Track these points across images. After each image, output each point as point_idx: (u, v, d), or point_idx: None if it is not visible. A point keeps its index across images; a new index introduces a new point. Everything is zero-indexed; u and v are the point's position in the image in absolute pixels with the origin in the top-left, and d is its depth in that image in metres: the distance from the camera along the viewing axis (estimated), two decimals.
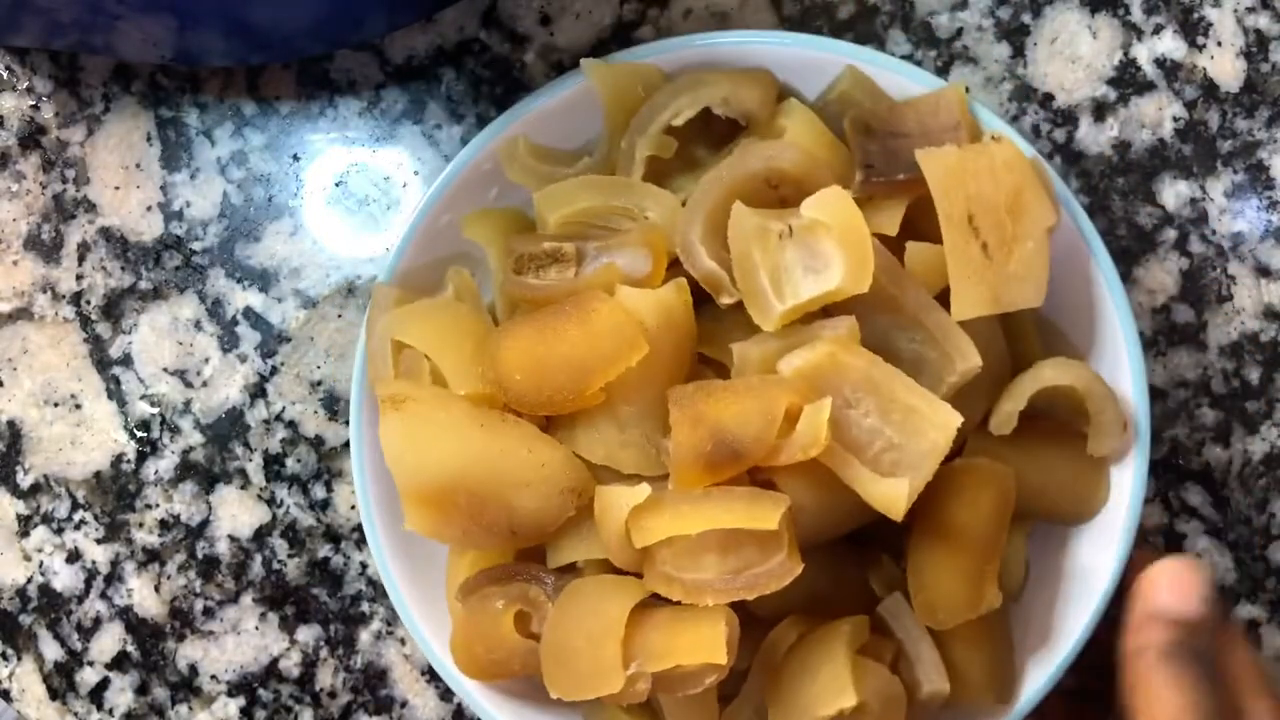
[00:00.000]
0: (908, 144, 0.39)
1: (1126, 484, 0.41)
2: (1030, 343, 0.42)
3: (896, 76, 0.41)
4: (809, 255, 0.38)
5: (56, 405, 0.50)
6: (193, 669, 0.50)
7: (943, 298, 0.39)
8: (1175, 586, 0.38)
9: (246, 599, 0.50)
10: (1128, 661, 0.38)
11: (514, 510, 0.39)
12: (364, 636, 0.50)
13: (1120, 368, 0.41)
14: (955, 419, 0.37)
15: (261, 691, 0.50)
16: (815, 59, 0.42)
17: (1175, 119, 0.48)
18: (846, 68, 0.42)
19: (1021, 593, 0.43)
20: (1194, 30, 0.48)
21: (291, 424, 0.49)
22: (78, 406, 0.50)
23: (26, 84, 0.50)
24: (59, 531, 0.50)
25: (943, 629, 0.40)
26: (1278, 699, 0.37)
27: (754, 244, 0.38)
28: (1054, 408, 0.41)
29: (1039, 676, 0.41)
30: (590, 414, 0.40)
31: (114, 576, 0.50)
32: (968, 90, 0.42)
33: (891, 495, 0.36)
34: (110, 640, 0.50)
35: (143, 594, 0.50)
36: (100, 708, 0.50)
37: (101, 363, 0.50)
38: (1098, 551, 0.41)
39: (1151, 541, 0.48)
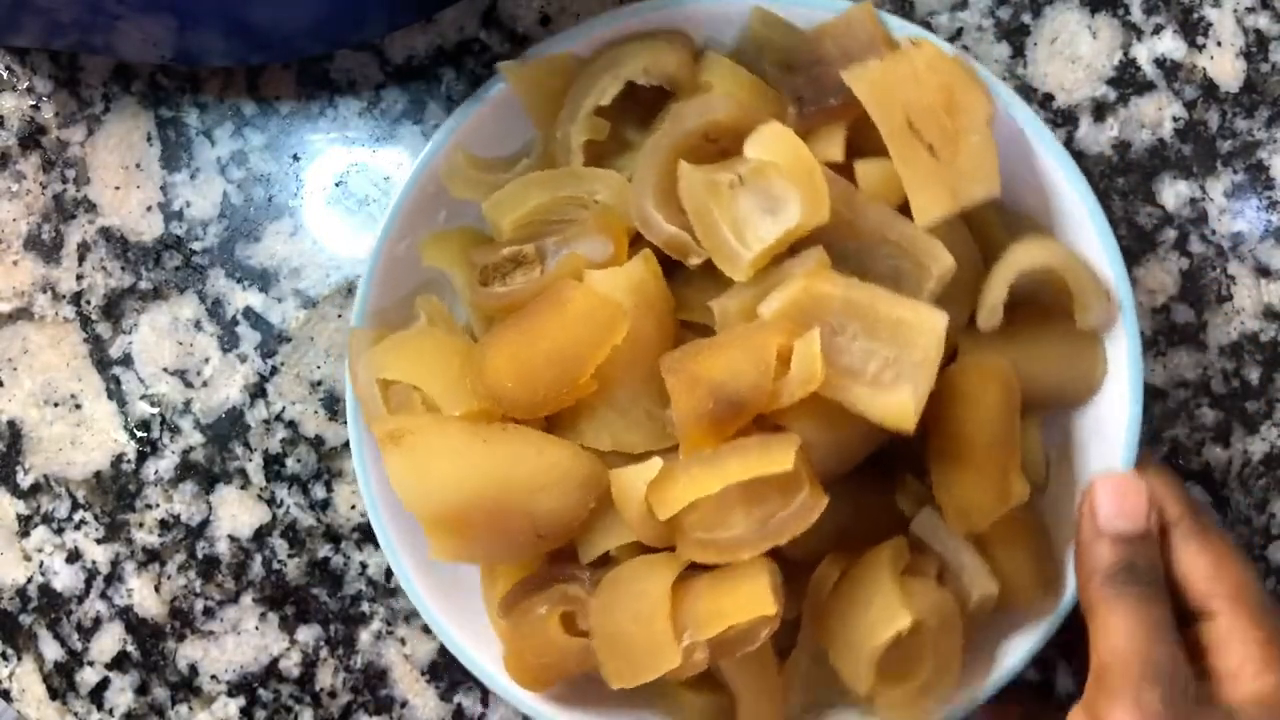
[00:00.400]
0: (831, 70, 0.40)
1: (1122, 351, 0.41)
2: (997, 235, 0.42)
3: (802, 9, 0.41)
4: (763, 198, 0.39)
5: (56, 405, 0.50)
6: (193, 669, 0.50)
7: (903, 210, 0.39)
8: (1117, 504, 0.39)
9: (246, 599, 0.50)
10: (1080, 586, 0.39)
11: (536, 515, 0.39)
12: (364, 636, 0.50)
13: (1087, 239, 0.41)
14: (942, 319, 0.37)
15: (261, 691, 0.50)
16: (722, 10, 0.42)
17: (1175, 119, 0.48)
18: (753, 10, 0.42)
19: (1046, 483, 0.43)
20: (1194, 30, 0.48)
21: (291, 424, 0.49)
22: (78, 406, 0.50)
23: (26, 84, 0.50)
24: (59, 531, 0.50)
25: (978, 531, 0.40)
26: (1239, 592, 0.38)
27: (708, 199, 0.38)
28: (1035, 295, 0.42)
29: None
30: (588, 404, 0.40)
31: (114, 576, 0.50)
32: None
33: (898, 409, 0.36)
34: (110, 640, 0.50)
35: (143, 594, 0.50)
36: (100, 708, 0.50)
37: (101, 363, 0.50)
38: (1110, 424, 0.41)
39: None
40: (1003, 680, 0.42)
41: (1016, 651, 0.42)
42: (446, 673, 0.50)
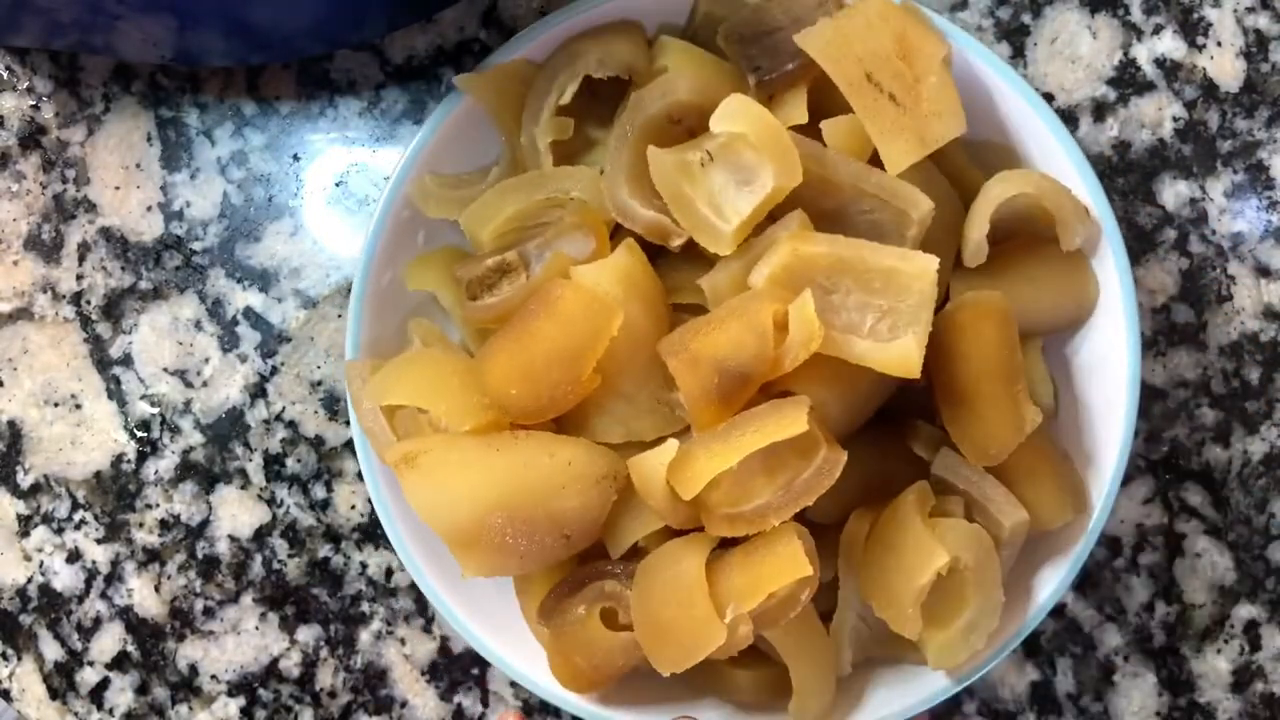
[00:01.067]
0: (784, 35, 0.40)
1: (1110, 267, 0.42)
2: (970, 174, 0.43)
3: None
4: (736, 170, 0.39)
5: (57, 405, 0.50)
6: (193, 669, 0.50)
7: (874, 162, 0.39)
8: None
9: (246, 599, 0.50)
10: None
11: (560, 516, 0.39)
12: (364, 636, 0.50)
13: (1059, 164, 0.41)
14: (932, 261, 0.37)
15: (261, 691, 0.50)
16: None
17: (1175, 119, 0.48)
18: None
19: (1056, 409, 0.44)
20: (1194, 30, 0.48)
21: (291, 424, 0.49)
22: (78, 406, 0.50)
23: (26, 84, 0.50)
24: (59, 531, 0.50)
25: (998, 463, 0.40)
26: None
27: (681, 180, 0.39)
28: (1017, 229, 0.42)
29: (1105, 474, 0.42)
30: (595, 400, 0.40)
31: (114, 576, 0.50)
32: None
33: (902, 357, 0.37)
34: (110, 640, 0.50)
35: (143, 594, 0.50)
36: (100, 708, 0.50)
37: (101, 363, 0.50)
38: (1110, 341, 0.42)
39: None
40: (1046, 608, 0.42)
41: (1054, 580, 0.42)
42: (446, 673, 0.50)
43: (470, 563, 0.39)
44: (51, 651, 0.50)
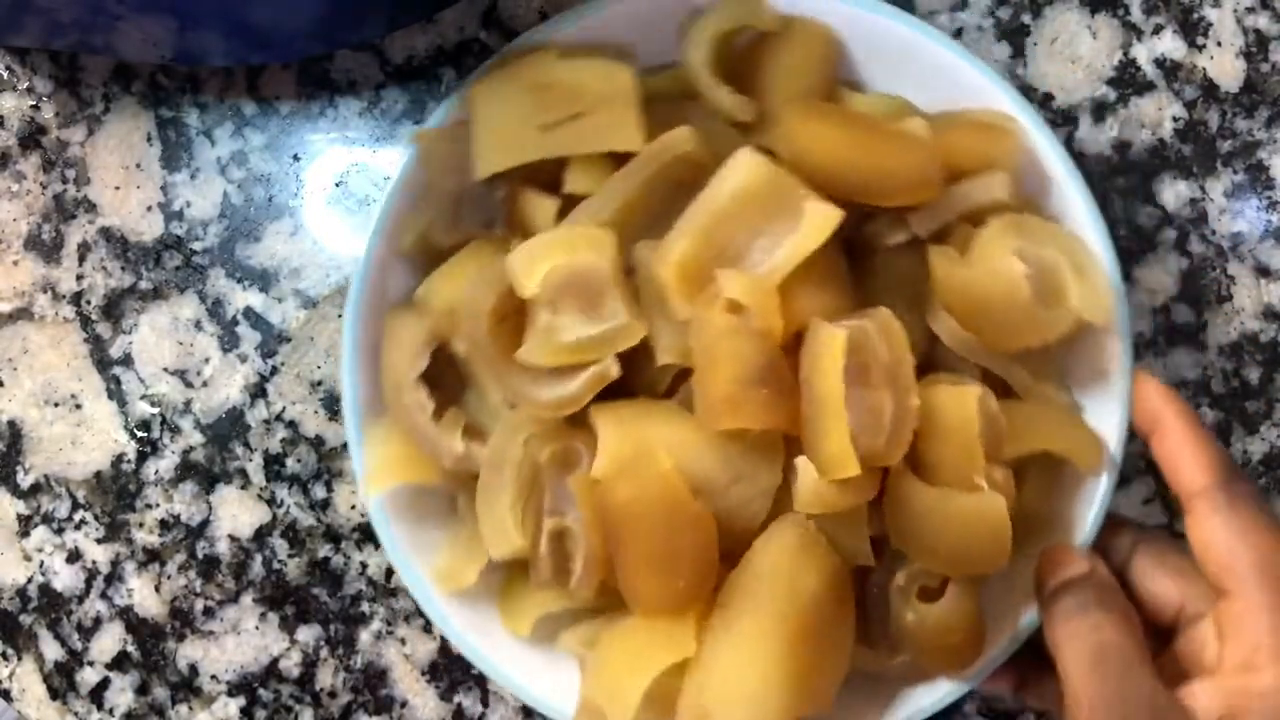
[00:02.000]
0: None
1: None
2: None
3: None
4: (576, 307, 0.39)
5: (57, 405, 0.50)
6: (193, 669, 0.50)
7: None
8: (1059, 563, 0.39)
9: (246, 599, 0.50)
10: (1045, 632, 0.38)
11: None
12: (364, 636, 0.50)
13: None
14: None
15: (261, 691, 0.50)
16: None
17: (1175, 119, 0.48)
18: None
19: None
20: (1194, 30, 0.48)
21: (292, 424, 0.49)
22: (78, 406, 0.50)
23: (26, 84, 0.50)
24: (59, 531, 0.50)
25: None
26: (1258, 569, 0.36)
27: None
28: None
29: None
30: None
31: (114, 576, 0.50)
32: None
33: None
34: (110, 640, 0.50)
35: (143, 594, 0.50)
36: (100, 708, 0.50)
37: (101, 363, 0.50)
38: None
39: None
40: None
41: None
42: (446, 673, 0.50)
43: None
44: (51, 651, 0.50)
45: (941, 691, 0.42)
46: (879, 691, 0.43)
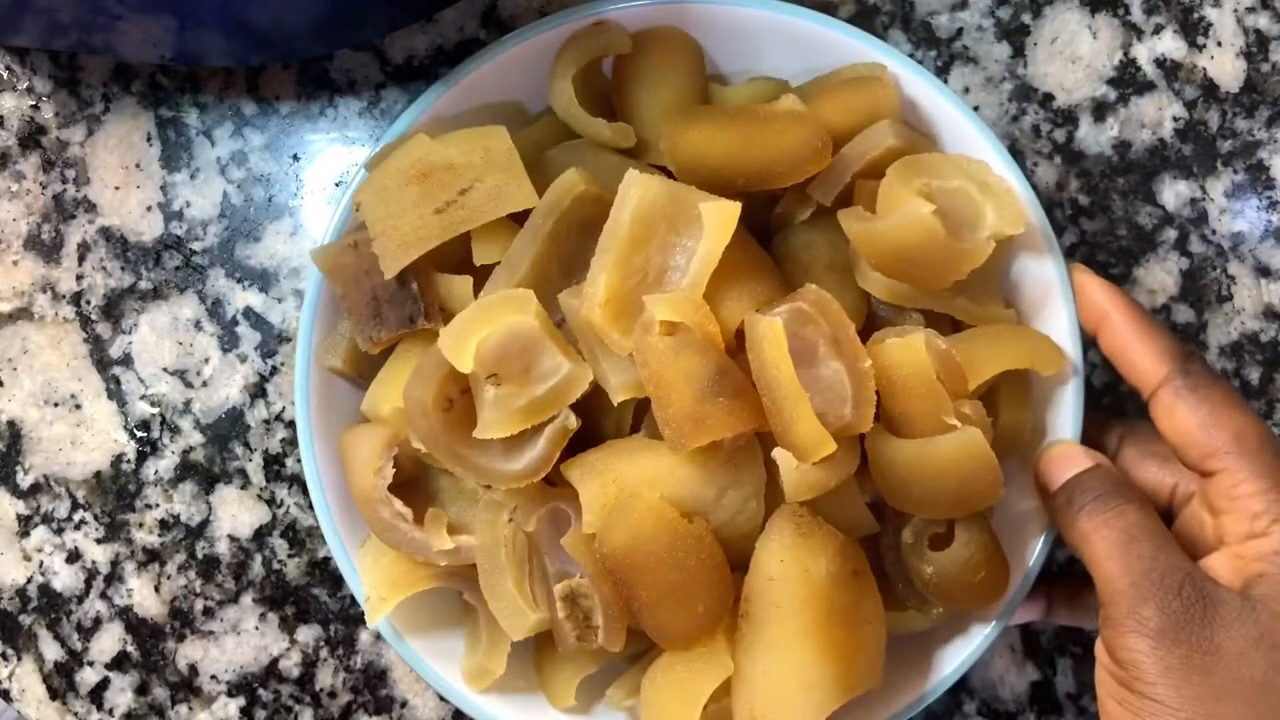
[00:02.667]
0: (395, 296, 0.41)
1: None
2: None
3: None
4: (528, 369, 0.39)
5: (56, 405, 0.50)
6: (193, 669, 0.50)
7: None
8: (1064, 462, 0.40)
9: (246, 599, 0.50)
10: (1065, 536, 0.39)
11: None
12: (364, 636, 0.50)
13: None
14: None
15: (261, 691, 0.50)
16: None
17: (1175, 119, 0.48)
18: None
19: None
20: (1194, 30, 0.48)
21: (291, 424, 0.49)
22: (78, 406, 0.50)
23: (26, 84, 0.50)
24: (59, 531, 0.50)
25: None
26: (1238, 442, 0.37)
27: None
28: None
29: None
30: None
31: (114, 576, 0.50)
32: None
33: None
34: (110, 640, 0.50)
35: (143, 594, 0.50)
36: (100, 708, 0.50)
37: (101, 363, 0.50)
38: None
39: None
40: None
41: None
42: None
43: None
44: (51, 651, 0.50)
45: (978, 638, 0.42)
46: (919, 655, 0.43)
